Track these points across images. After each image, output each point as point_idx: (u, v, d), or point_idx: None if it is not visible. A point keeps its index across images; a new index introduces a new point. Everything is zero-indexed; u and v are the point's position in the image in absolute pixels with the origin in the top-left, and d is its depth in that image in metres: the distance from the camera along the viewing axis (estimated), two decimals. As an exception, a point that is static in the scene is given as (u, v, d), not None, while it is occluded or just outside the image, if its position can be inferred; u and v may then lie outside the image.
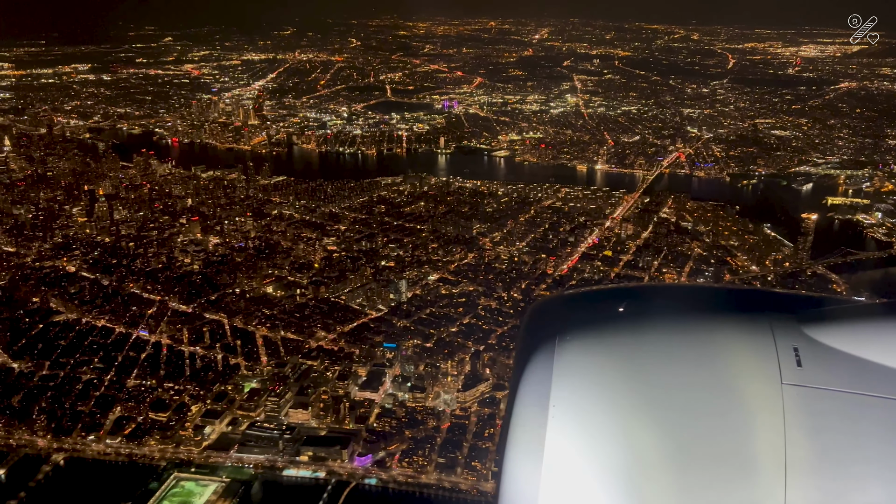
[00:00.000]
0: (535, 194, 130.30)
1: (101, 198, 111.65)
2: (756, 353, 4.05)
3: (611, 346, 4.25)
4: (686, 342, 4.24)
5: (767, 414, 3.79)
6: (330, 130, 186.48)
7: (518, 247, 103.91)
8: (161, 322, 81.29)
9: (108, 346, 76.09)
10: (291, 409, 64.75)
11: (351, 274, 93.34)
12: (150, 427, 63.01)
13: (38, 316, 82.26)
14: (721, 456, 3.71)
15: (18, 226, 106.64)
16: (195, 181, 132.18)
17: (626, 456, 3.76)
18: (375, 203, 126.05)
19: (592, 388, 3.99)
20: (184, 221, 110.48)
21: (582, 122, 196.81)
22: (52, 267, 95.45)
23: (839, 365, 4.05)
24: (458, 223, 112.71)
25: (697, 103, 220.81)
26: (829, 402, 3.87)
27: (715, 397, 3.89)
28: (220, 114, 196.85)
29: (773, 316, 4.37)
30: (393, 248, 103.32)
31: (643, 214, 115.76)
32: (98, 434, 62.61)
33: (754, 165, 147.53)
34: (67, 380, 69.77)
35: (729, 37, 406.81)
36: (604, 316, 4.57)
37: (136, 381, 69.97)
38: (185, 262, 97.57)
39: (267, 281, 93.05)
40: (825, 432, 3.76)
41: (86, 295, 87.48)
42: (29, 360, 72.85)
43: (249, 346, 77.23)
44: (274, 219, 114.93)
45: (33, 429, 62.80)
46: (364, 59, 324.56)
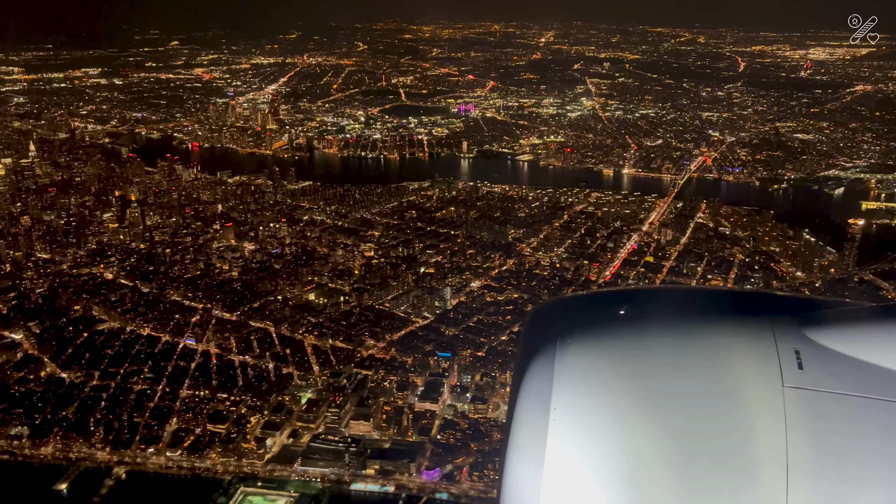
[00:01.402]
0: (565, 199, 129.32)
1: (133, 203, 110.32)
2: (757, 356, 4.02)
3: (612, 349, 4.23)
4: (687, 345, 4.22)
5: (769, 416, 3.75)
6: (350, 135, 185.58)
7: (557, 253, 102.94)
8: (207, 330, 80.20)
9: (157, 356, 74.95)
10: (352, 421, 63.56)
11: (393, 281, 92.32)
12: (210, 439, 61.82)
13: (81, 324, 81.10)
14: (723, 459, 3.68)
15: (51, 232, 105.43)
16: (223, 186, 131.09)
17: (627, 459, 3.72)
18: (406, 208, 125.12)
19: (593, 392, 3.97)
20: (217, 227, 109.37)
21: (602, 125, 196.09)
22: (89, 274, 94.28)
23: (841, 367, 4.02)
24: (493, 228, 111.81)
25: (715, 106, 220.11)
26: (830, 404, 3.84)
27: (716, 400, 3.86)
28: (237, 118, 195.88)
29: (774, 318, 4.35)
30: (431, 254, 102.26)
31: (679, 219, 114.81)
32: (157, 446, 61.45)
33: (782, 169, 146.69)
34: (120, 390, 68.59)
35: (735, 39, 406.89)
36: (605, 319, 4.56)
37: (190, 392, 68.80)
38: (224, 268, 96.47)
39: (308, 288, 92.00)
40: (827, 435, 3.72)
41: (127, 303, 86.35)
42: (78, 370, 71.66)
43: (299, 354, 76.13)
44: (307, 224, 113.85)
45: (91, 441, 61.60)
46: (374, 63, 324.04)
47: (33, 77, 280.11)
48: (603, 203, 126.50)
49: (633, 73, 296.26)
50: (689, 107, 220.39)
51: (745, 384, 3.93)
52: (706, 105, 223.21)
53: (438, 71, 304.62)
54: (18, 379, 70.20)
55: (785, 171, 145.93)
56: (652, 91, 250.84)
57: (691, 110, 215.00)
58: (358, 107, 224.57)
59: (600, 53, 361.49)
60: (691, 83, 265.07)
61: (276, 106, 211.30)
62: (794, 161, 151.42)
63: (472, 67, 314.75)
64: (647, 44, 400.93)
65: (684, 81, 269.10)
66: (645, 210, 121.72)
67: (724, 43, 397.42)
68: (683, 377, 4.01)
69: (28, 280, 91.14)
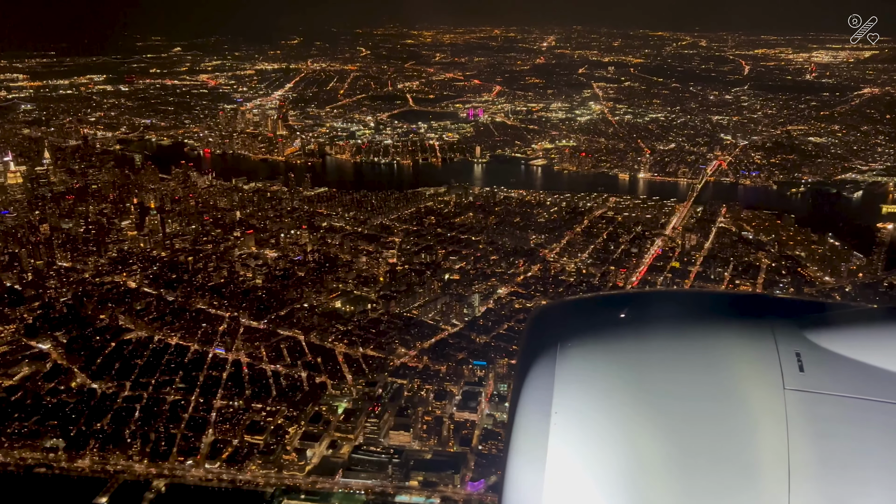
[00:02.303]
0: (583, 204, 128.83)
1: (152, 211, 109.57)
2: (758, 359, 4.01)
3: (613, 353, 4.22)
4: (688, 348, 4.20)
5: (770, 419, 3.75)
6: (360, 140, 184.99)
7: (581, 258, 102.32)
8: (236, 339, 79.42)
9: (188, 365, 74.11)
10: (392, 431, 62.77)
11: (419, 288, 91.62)
12: (248, 451, 60.96)
13: (108, 334, 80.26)
14: (724, 462, 3.68)
15: (71, 240, 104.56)
16: (239, 193, 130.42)
17: (628, 463, 3.72)
18: (424, 214, 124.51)
19: (594, 395, 3.95)
20: (238, 234, 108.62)
21: (612, 129, 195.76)
22: (112, 282, 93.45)
23: (842, 370, 4.01)
24: (514, 234, 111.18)
25: (724, 110, 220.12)
26: (831, 406, 3.84)
27: (717, 403, 3.86)
28: (247, 124, 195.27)
29: (774, 321, 4.34)
30: (454, 260, 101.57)
31: (701, 224, 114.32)
32: (195, 458, 60.57)
33: (798, 173, 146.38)
34: (153, 401, 67.74)
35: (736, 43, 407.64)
36: (606, 322, 4.55)
37: (224, 402, 67.95)
38: (248, 276, 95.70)
39: (333, 295, 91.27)
40: (828, 437, 3.73)
41: (153, 311, 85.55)
42: (109, 381, 70.81)
43: (331, 363, 75.33)
44: (327, 231, 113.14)
45: (128, 453, 60.73)
46: (378, 68, 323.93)
47: (39, 84, 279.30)
48: (622, 208, 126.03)
49: (639, 76, 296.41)
50: (698, 110, 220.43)
51: (746, 387, 3.92)
52: (715, 108, 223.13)
53: (443, 76, 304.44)
54: (49, 390, 69.27)
55: (801, 174, 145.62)
56: (659, 95, 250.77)
57: (701, 114, 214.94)
58: (366, 112, 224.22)
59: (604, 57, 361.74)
60: (698, 87, 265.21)
61: (284, 112, 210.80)
62: (810, 164, 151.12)
63: (476, 72, 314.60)
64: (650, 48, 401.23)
65: (691, 85, 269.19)
66: (665, 215, 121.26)
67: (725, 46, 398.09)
68: (684, 380, 4.01)
69: (52, 289, 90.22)
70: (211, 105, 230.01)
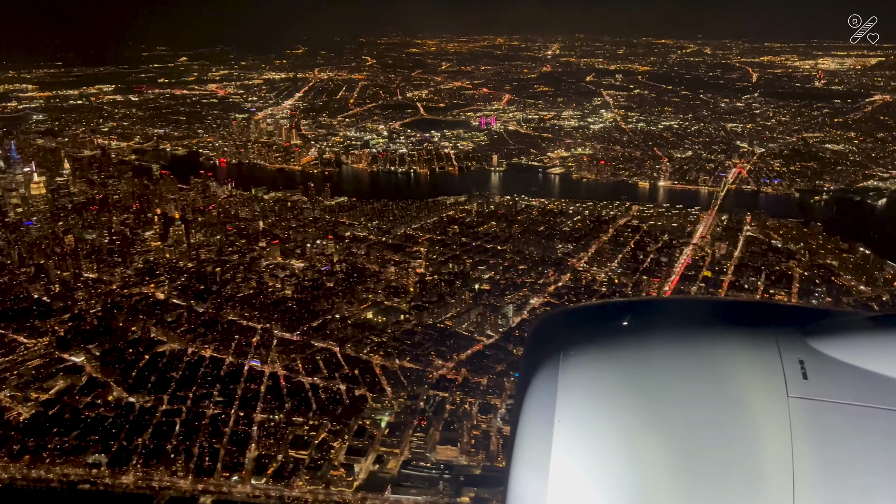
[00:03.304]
0: (607, 212, 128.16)
1: (176, 221, 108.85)
2: (761, 366, 4.02)
3: (616, 361, 4.23)
4: (691, 356, 4.22)
5: (774, 427, 3.75)
6: (375, 149, 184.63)
7: (611, 268, 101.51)
8: (270, 351, 78.53)
9: (224, 378, 73.16)
10: (439, 446, 61.76)
11: (450, 298, 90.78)
12: (294, 466, 59.95)
13: (141, 346, 79.35)
14: (728, 470, 3.68)
15: (96, 251, 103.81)
16: (260, 203, 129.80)
17: (632, 471, 3.72)
18: (446, 223, 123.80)
19: (597, 404, 3.97)
20: (263, 245, 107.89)
21: (627, 137, 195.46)
22: (140, 294, 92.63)
23: (845, 377, 4.01)
24: (540, 243, 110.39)
25: (737, 117, 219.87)
26: (835, 414, 3.84)
27: (721, 411, 3.87)
28: (260, 134, 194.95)
29: (777, 329, 4.34)
30: (482, 270, 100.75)
31: (728, 233, 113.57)
32: (241, 474, 59.56)
33: (820, 181, 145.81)
34: (192, 415, 66.77)
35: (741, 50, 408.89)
36: (608, 330, 4.55)
37: (264, 416, 66.98)
38: (276, 287, 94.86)
39: (364, 306, 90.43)
40: (832, 445, 3.73)
41: (184, 323, 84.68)
42: (146, 394, 69.87)
43: (368, 375, 74.37)
44: (352, 241, 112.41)
45: (172, 469, 59.72)
46: (385, 77, 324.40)
47: (48, 94, 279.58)
48: (646, 216, 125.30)
49: (647, 84, 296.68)
50: (711, 118, 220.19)
51: (749, 395, 3.89)
52: (728, 116, 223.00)
53: (451, 84, 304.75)
54: (87, 404, 68.31)
55: (823, 182, 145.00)
56: (670, 102, 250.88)
57: (714, 121, 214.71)
58: (378, 121, 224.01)
59: (610, 65, 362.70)
60: (708, 94, 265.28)
61: (296, 121, 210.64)
62: (831, 172, 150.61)
63: (484, 80, 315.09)
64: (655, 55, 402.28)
65: (701, 92, 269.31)
66: (691, 223, 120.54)
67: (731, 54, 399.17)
68: (687, 388, 3.99)
69: (81, 301, 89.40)
70: (222, 115, 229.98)
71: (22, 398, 68.76)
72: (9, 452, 60.96)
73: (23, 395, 69.07)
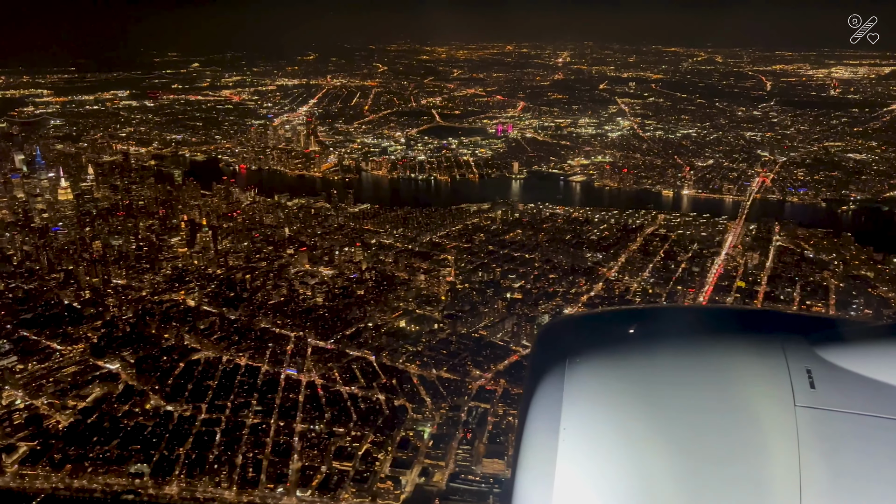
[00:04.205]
0: (633, 221, 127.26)
1: (204, 227, 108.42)
2: (768, 376, 3.99)
3: (621, 369, 4.21)
4: (697, 364, 4.19)
5: (781, 437, 3.73)
6: (393, 156, 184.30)
7: (643, 277, 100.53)
8: (306, 359, 77.77)
9: (262, 387, 72.39)
10: (486, 459, 60.77)
11: (482, 307, 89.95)
12: (339, 478, 59.05)
13: (175, 353, 78.71)
14: (735, 479, 3.65)
15: (123, 257, 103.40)
16: (284, 210, 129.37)
17: (638, 480, 3.69)
18: (472, 231, 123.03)
19: (603, 411, 3.95)
20: (291, 252, 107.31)
21: (646, 145, 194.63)
22: (171, 300, 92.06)
23: (853, 387, 3.99)
24: (569, 252, 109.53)
25: (755, 126, 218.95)
26: (843, 424, 3.82)
27: (727, 420, 3.85)
28: (278, 140, 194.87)
29: (785, 337, 4.30)
30: (513, 278, 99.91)
31: (758, 243, 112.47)
32: (285, 486, 58.67)
33: (846, 190, 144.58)
34: (233, 425, 65.99)
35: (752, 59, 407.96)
36: (614, 338, 4.53)
37: (305, 426, 66.14)
38: (307, 294, 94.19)
39: (396, 314, 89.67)
40: (840, 455, 3.70)
41: (217, 330, 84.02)
42: (184, 403, 69.14)
43: (406, 385, 73.50)
44: (379, 248, 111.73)
45: (216, 480, 58.89)
46: (398, 84, 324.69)
47: (64, 99, 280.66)
48: (673, 225, 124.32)
49: (662, 92, 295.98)
50: (728, 126, 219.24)
51: (756, 404, 3.86)
52: (745, 124, 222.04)
53: (465, 91, 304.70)
54: (125, 412, 67.61)
55: (849, 191, 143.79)
56: (686, 111, 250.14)
57: (732, 130, 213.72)
58: (395, 128, 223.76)
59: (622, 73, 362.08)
60: (723, 102, 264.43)
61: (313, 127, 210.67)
62: (856, 182, 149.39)
63: (497, 88, 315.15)
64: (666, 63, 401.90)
65: (716, 101, 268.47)
66: (719, 233, 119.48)
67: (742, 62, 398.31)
68: (694, 397, 3.97)
69: (112, 307, 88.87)
70: (238, 120, 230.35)
71: (60, 406, 68.08)
72: (50, 461, 60.23)
73: (60, 403, 68.39)
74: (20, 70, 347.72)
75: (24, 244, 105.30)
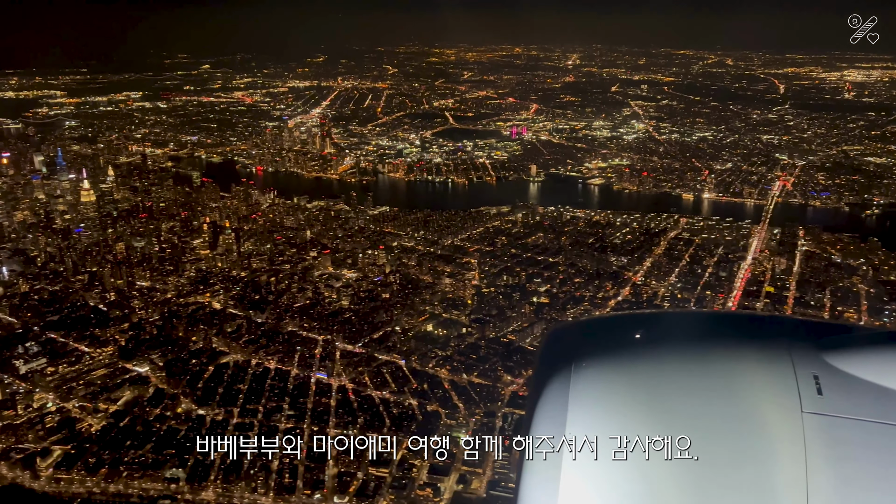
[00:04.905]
0: (655, 224, 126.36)
1: (227, 230, 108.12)
2: (775, 382, 3.92)
3: (627, 374, 4.15)
4: (703, 370, 4.12)
5: (788, 443, 3.68)
6: (410, 158, 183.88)
7: (669, 281, 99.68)
8: (335, 363, 77.22)
9: (293, 391, 71.88)
10: (524, 465, 59.96)
11: (510, 311, 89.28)
12: (377, 485, 58.44)
13: (204, 357, 78.29)
14: (742, 486, 3.59)
15: (146, 259, 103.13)
16: (304, 212, 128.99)
17: (644, 486, 3.64)
18: (493, 234, 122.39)
19: (609, 417, 3.89)
20: (314, 255, 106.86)
21: (663, 148, 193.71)
22: (196, 303, 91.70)
23: (860, 393, 3.93)
24: (593, 256, 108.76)
25: (771, 129, 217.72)
26: (850, 430, 3.77)
27: (734, 427, 3.79)
28: (294, 142, 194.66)
29: (792, 343, 4.23)
30: (538, 282, 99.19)
31: (783, 247, 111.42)
32: (322, 492, 58.09)
33: (868, 194, 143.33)
34: (265, 429, 65.49)
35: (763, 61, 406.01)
36: (620, 343, 4.48)
37: (338, 431, 65.58)
38: (333, 297, 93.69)
39: (422, 318, 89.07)
40: (847, 461, 3.65)
41: (244, 334, 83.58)
42: (216, 407, 68.67)
43: (438, 390, 72.88)
44: (401, 251, 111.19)
45: (253, 485, 58.35)
46: (409, 86, 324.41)
47: (77, 101, 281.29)
48: (696, 229, 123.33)
49: (674, 95, 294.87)
50: (744, 129, 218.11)
51: (763, 410, 3.82)
52: (761, 128, 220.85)
53: (476, 94, 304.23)
54: (157, 416, 67.19)
55: (872, 196, 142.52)
56: (700, 113, 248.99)
57: (748, 133, 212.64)
58: (409, 130, 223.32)
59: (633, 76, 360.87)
60: (737, 105, 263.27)
61: (327, 129, 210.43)
62: (879, 185, 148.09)
63: (508, 90, 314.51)
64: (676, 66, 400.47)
65: (730, 104, 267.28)
66: (743, 237, 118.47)
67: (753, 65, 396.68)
68: (700, 403, 3.91)
69: (138, 310, 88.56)
70: (252, 122, 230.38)
71: (91, 409, 67.71)
72: (85, 465, 59.82)
73: (92, 406, 68.02)
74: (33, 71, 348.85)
75: (48, 246, 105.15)
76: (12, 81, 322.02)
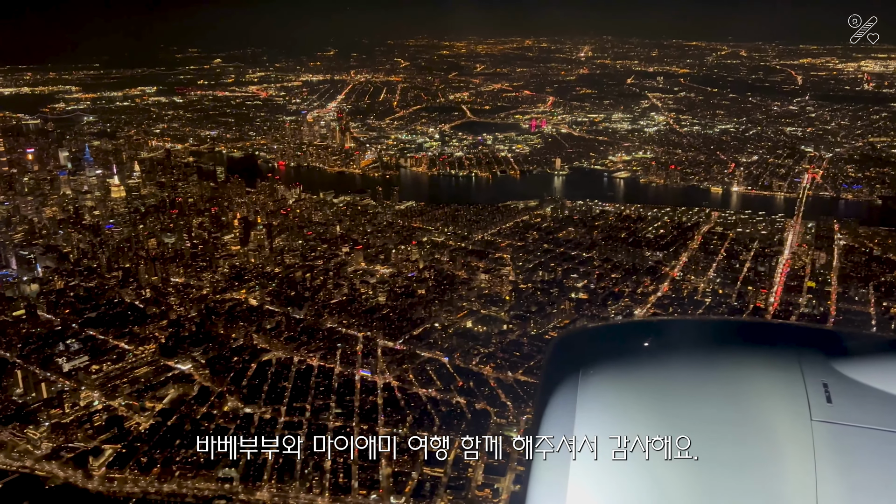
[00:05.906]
0: (687, 218, 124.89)
1: (259, 226, 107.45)
2: (784, 390, 3.85)
3: (635, 381, 4.15)
4: (712, 378, 4.10)
5: (797, 451, 3.64)
6: (431, 152, 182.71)
7: (708, 276, 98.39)
8: (377, 360, 76.49)
9: (339, 389, 71.23)
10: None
11: (550, 308, 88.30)
12: (433, 485, 57.73)
13: (246, 354, 77.73)
14: (751, 493, 3.54)
15: (179, 255, 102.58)
16: (332, 207, 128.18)
17: (652, 492, 3.61)
18: (523, 229, 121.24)
19: (617, 423, 3.86)
20: (346, 250, 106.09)
21: (686, 141, 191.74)
22: (233, 299, 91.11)
23: (870, 401, 3.89)
24: (627, 251, 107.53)
25: (794, 121, 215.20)
26: (859, 438, 3.73)
27: (742, 434, 3.76)
28: (313, 136, 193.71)
29: (801, 351, 4.21)
30: (574, 278, 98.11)
31: (820, 241, 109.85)
32: (378, 492, 57.46)
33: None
34: (315, 428, 64.87)
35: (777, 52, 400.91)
36: (628, 350, 4.50)
37: (388, 430, 64.90)
38: (369, 293, 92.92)
39: (461, 315, 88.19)
40: (856, 469, 3.61)
41: (284, 331, 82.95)
42: (262, 405, 68.09)
43: (484, 388, 72.07)
44: (432, 247, 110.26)
45: (308, 485, 57.73)
46: (423, 80, 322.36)
47: (93, 96, 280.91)
48: (730, 223, 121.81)
49: (691, 87, 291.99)
50: (766, 121, 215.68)
51: (772, 418, 3.79)
52: (783, 120, 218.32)
53: (491, 87, 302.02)
54: (204, 414, 66.65)
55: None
56: (720, 105, 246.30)
57: (770, 125, 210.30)
58: (427, 123, 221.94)
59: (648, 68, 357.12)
60: (756, 97, 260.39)
61: (345, 123, 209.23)
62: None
63: (523, 83, 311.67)
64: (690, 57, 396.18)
65: (749, 95, 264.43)
66: (778, 231, 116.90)
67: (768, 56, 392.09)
68: (709, 410, 3.90)
69: (175, 306, 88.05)
70: (270, 116, 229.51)
71: (138, 407, 67.26)
72: (137, 464, 59.37)
73: (139, 405, 67.57)
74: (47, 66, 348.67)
75: (80, 242, 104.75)
76: (27, 76, 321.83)
